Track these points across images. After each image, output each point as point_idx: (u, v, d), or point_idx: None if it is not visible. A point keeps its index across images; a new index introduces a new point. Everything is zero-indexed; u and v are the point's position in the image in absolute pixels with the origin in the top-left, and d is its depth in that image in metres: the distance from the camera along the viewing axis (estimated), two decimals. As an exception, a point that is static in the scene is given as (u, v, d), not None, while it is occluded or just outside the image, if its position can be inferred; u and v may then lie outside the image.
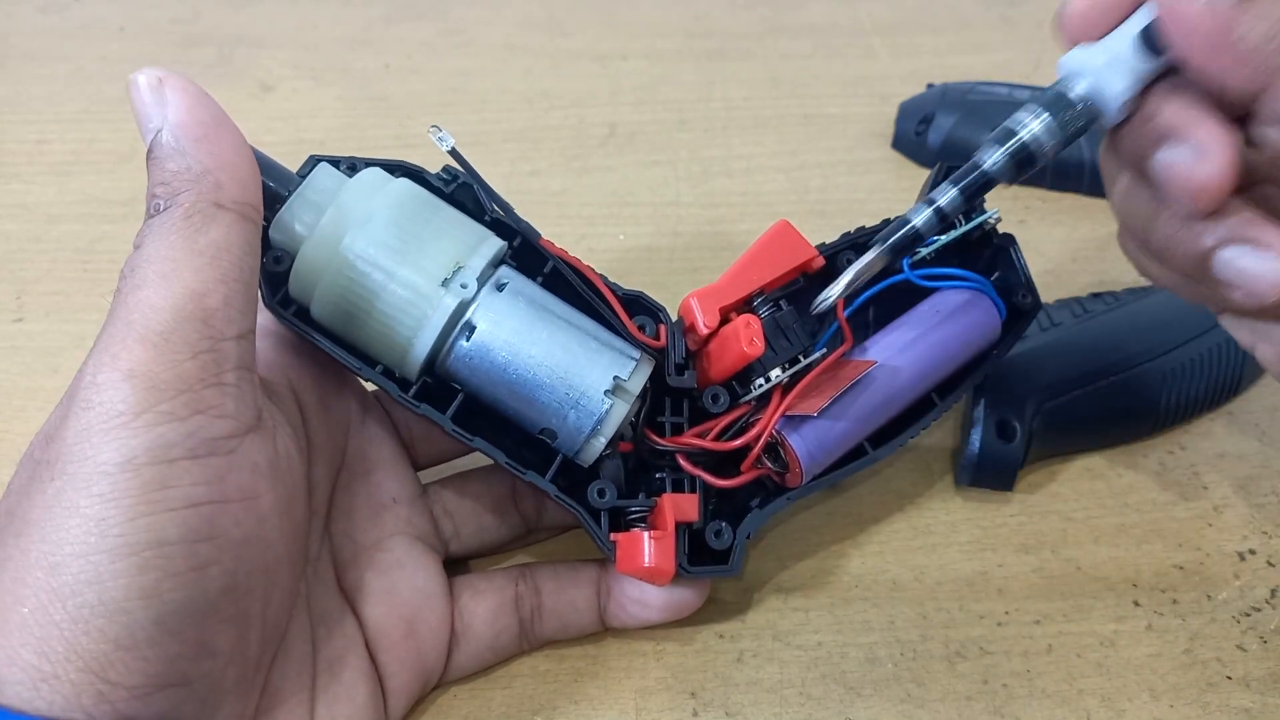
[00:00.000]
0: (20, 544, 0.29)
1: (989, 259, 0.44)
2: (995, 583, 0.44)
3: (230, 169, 0.33)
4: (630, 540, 0.38)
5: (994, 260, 0.44)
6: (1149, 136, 0.33)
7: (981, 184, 0.34)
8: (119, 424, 0.29)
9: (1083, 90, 0.33)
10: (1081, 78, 0.33)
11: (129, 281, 0.31)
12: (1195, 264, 0.34)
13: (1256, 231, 0.33)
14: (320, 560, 0.39)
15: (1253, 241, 0.33)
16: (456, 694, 0.41)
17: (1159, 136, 0.33)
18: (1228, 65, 0.31)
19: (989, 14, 0.74)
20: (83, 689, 0.28)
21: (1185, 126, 0.32)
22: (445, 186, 0.39)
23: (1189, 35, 0.31)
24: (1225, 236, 0.33)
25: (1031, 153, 0.34)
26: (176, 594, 0.29)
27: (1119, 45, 0.33)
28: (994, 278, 0.43)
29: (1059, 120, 0.33)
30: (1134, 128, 0.34)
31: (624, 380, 0.37)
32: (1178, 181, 0.33)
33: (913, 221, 0.35)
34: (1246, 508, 0.47)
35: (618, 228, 0.59)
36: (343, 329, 0.37)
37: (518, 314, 0.37)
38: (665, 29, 0.73)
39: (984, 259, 0.44)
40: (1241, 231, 0.33)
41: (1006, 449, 0.46)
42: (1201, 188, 0.32)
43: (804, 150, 0.64)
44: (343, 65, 0.70)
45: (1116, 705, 0.40)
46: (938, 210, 0.35)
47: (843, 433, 0.40)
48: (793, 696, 0.41)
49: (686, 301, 0.40)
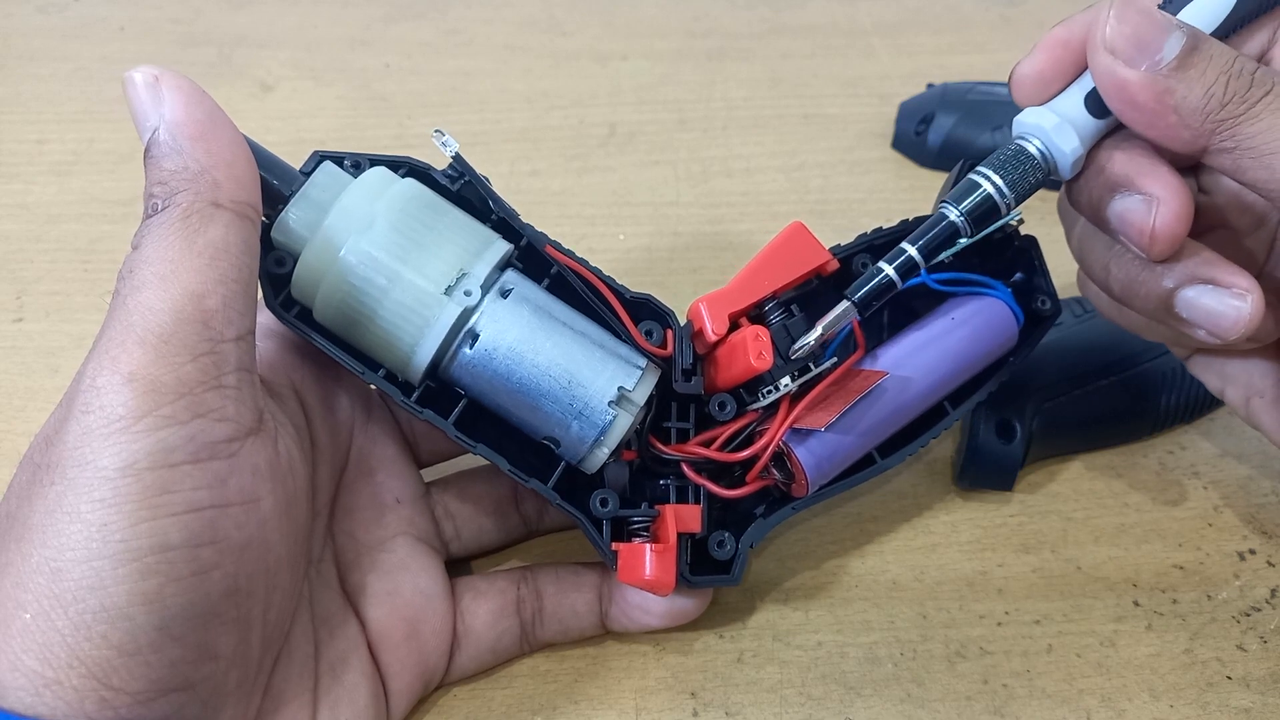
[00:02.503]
0: (22, 549, 0.29)
1: (1010, 260, 0.43)
2: (995, 583, 0.44)
3: (228, 167, 0.32)
4: (632, 551, 0.38)
5: (1015, 262, 0.43)
6: (1102, 187, 0.35)
7: (945, 238, 0.36)
8: (119, 428, 0.29)
9: (1036, 150, 0.35)
10: (1034, 138, 0.35)
11: (128, 283, 0.31)
12: (1158, 305, 0.36)
13: (1216, 271, 0.34)
14: (323, 561, 0.39)
15: (1212, 281, 0.34)
16: (457, 694, 0.41)
17: (1112, 187, 0.34)
18: (1168, 130, 0.32)
19: (989, 14, 0.74)
20: (85, 695, 0.28)
21: (1136, 177, 0.34)
22: (451, 184, 0.39)
23: (1128, 104, 0.33)
24: (1186, 277, 0.35)
25: (992, 207, 0.35)
26: (179, 599, 0.29)
27: (1067, 107, 0.35)
28: (1014, 280, 0.43)
29: (1013, 178, 0.35)
30: (1088, 179, 0.35)
31: (629, 391, 0.37)
32: (1133, 230, 0.34)
33: (885, 271, 0.36)
34: (1246, 508, 0.47)
35: (618, 228, 0.59)
36: (345, 332, 0.37)
37: (522, 321, 0.37)
38: (665, 29, 0.73)
39: (1004, 260, 0.43)
40: (1201, 272, 0.34)
41: (1006, 449, 0.46)
42: (1156, 235, 0.33)
43: (804, 150, 0.64)
44: (343, 65, 0.70)
45: (1116, 705, 0.40)
46: (908, 261, 0.36)
47: (851, 444, 0.40)
48: (793, 696, 0.41)
49: (695, 306, 0.39)
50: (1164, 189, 0.33)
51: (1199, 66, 0.32)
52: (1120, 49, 0.32)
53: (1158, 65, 0.32)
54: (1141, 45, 0.32)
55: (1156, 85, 0.32)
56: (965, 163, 0.42)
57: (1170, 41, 0.32)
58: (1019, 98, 0.36)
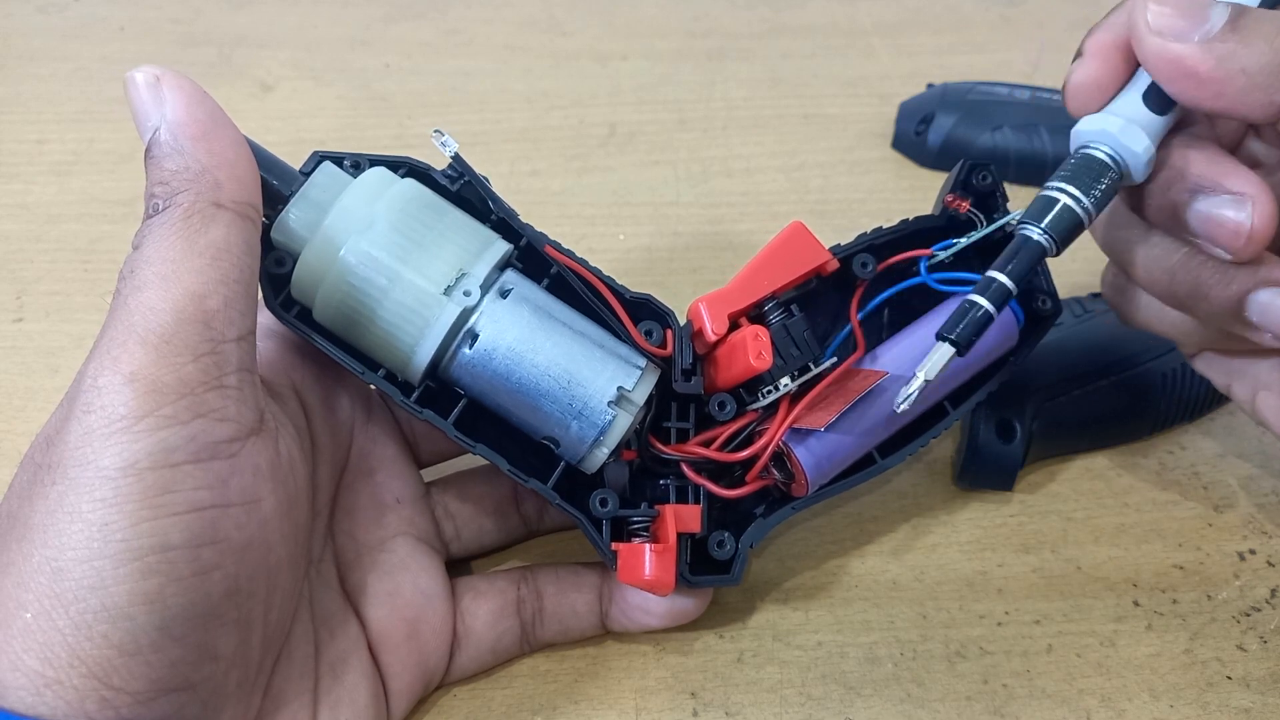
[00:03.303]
0: (23, 549, 0.29)
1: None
2: (995, 583, 0.44)
3: (229, 167, 0.32)
4: (632, 551, 0.38)
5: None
6: (1182, 190, 0.33)
7: (1033, 260, 0.34)
8: (121, 428, 0.29)
9: (1105, 155, 0.34)
10: (1100, 145, 0.34)
11: (129, 283, 0.31)
12: (1226, 310, 0.35)
13: None
14: (323, 561, 0.39)
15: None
16: (457, 694, 0.41)
17: (1194, 189, 0.33)
18: (1238, 96, 0.31)
19: (989, 14, 0.74)
20: (86, 695, 0.28)
21: (1222, 177, 0.33)
22: (451, 184, 0.39)
23: (1189, 79, 0.31)
24: (1258, 281, 0.34)
25: (1075, 220, 0.34)
26: (180, 599, 0.29)
27: (1126, 107, 0.34)
28: None
29: (1088, 186, 0.34)
30: (1164, 182, 0.34)
31: (628, 391, 0.37)
32: (1224, 232, 0.33)
33: (980, 304, 0.34)
34: (1246, 508, 0.47)
35: (618, 228, 0.59)
36: (345, 332, 0.37)
37: (521, 321, 0.37)
38: (665, 29, 0.73)
39: None
40: (1274, 275, 0.34)
41: (1006, 449, 0.46)
42: (1254, 235, 0.32)
43: (804, 150, 0.64)
44: (343, 65, 0.70)
45: (1116, 705, 0.40)
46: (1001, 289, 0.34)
47: (851, 444, 0.40)
48: (793, 696, 0.41)
49: (695, 306, 0.39)
50: (1255, 188, 0.32)
51: (1254, 27, 0.31)
52: (1168, 28, 0.31)
53: (1210, 33, 0.31)
54: (1189, 18, 0.31)
55: (1215, 50, 0.31)
56: (964, 162, 0.42)
57: (1216, 11, 0.31)
58: (1075, 108, 0.35)
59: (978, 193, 0.42)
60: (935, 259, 0.40)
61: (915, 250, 0.40)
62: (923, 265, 0.40)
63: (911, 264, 0.41)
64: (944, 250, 0.40)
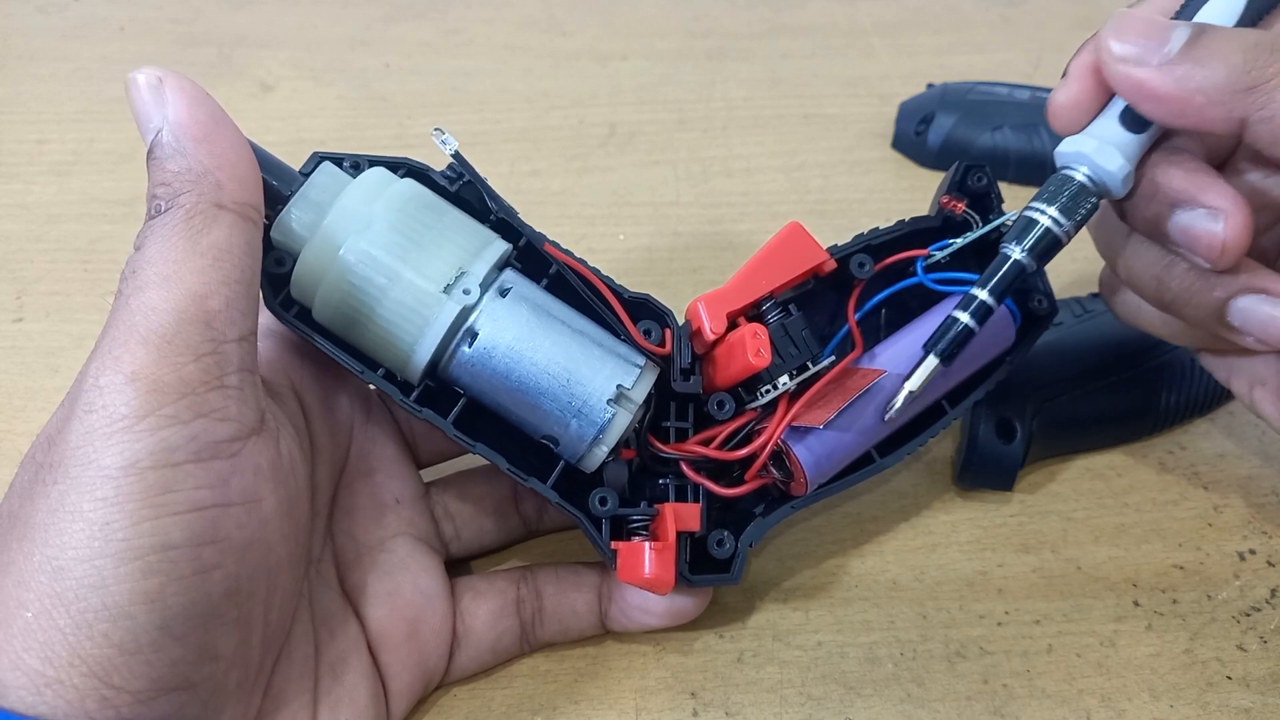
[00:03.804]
0: (24, 548, 0.29)
1: None
2: (995, 583, 0.44)
3: (231, 169, 0.33)
4: (631, 550, 0.38)
5: None
6: (1161, 203, 0.35)
7: (1013, 278, 0.36)
8: (122, 427, 0.29)
9: (1083, 176, 0.35)
10: (1078, 165, 0.36)
11: (130, 283, 0.31)
12: (1210, 315, 0.36)
13: (1266, 281, 0.35)
14: (323, 561, 0.39)
15: (1264, 291, 0.35)
16: (457, 694, 0.41)
17: (1172, 202, 0.35)
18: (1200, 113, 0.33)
19: (989, 14, 0.74)
20: (86, 694, 0.28)
21: (1197, 191, 0.34)
22: (450, 185, 0.39)
23: (1152, 100, 0.33)
24: (1238, 287, 0.35)
25: (1053, 239, 0.36)
26: (180, 598, 0.29)
27: (1104, 129, 0.35)
28: None
29: (1066, 206, 0.35)
30: (1144, 196, 0.36)
31: (627, 389, 0.37)
32: (1200, 243, 0.34)
33: (961, 320, 0.36)
34: (1246, 508, 0.47)
35: (618, 228, 0.59)
36: (344, 332, 0.37)
37: (521, 320, 0.37)
38: (665, 29, 0.73)
39: None
40: (1253, 282, 0.35)
41: (1006, 449, 0.46)
42: (1227, 247, 0.34)
43: (804, 150, 0.64)
44: (343, 65, 0.70)
45: (1116, 705, 0.40)
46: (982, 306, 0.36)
47: (850, 443, 0.40)
48: (793, 696, 0.41)
49: (694, 305, 0.39)
50: (1228, 201, 0.34)
51: (1209, 46, 0.32)
52: (1129, 54, 0.33)
53: (1168, 56, 0.33)
54: (1147, 43, 0.33)
55: (1173, 73, 0.32)
56: (960, 164, 0.42)
57: (1175, 34, 0.33)
58: (1058, 128, 0.37)
59: (973, 194, 0.42)
60: (932, 259, 0.41)
61: (912, 251, 0.41)
62: (919, 265, 0.41)
63: (908, 264, 0.41)
64: (940, 251, 0.41)
